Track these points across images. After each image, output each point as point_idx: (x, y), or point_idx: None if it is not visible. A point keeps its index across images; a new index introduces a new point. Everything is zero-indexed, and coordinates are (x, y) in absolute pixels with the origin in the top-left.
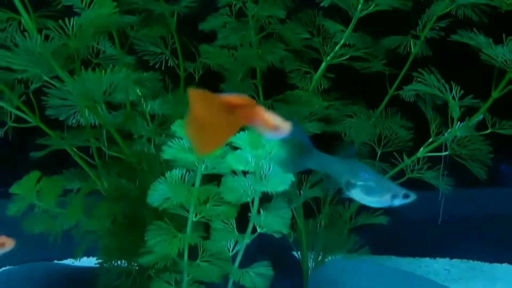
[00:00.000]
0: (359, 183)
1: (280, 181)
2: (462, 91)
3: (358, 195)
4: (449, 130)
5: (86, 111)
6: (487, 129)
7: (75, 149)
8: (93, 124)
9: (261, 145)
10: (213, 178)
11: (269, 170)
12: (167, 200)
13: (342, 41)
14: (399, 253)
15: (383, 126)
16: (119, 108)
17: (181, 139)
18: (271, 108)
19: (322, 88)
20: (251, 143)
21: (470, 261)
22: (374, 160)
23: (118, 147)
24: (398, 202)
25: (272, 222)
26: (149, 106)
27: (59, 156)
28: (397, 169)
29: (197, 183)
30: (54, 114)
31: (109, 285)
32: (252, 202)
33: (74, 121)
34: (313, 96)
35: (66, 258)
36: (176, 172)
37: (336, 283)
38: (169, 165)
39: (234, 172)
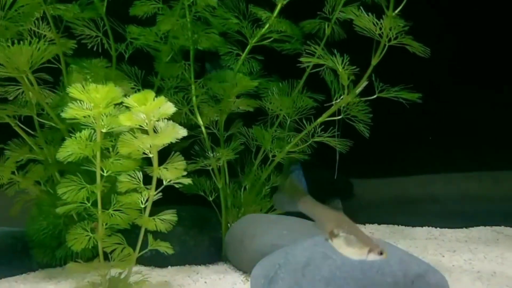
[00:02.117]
0: (342, 234)
1: (170, 135)
2: (349, 64)
3: (338, 244)
4: (342, 97)
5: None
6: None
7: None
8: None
9: (148, 102)
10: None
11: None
12: (71, 155)
13: (266, 26)
14: None
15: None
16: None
17: (81, 101)
18: (203, 87)
19: (254, 69)
20: (138, 100)
21: (396, 226)
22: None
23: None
24: (372, 257)
25: (169, 173)
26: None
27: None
28: (302, 134)
29: (98, 139)
30: None
31: (41, 241)
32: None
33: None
34: (241, 75)
35: None
36: (85, 133)
37: (243, 232)
38: None
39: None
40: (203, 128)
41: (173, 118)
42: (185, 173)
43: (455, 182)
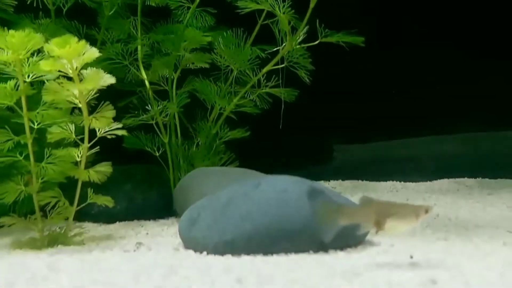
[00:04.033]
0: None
1: (95, 81)
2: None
3: (391, 228)
4: (284, 44)
5: None
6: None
7: None
8: None
9: (68, 46)
10: None
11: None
12: None
13: None
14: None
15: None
16: None
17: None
18: (149, 40)
19: (208, 23)
20: (58, 44)
21: (360, 181)
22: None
23: None
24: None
25: (99, 123)
26: None
27: None
28: (248, 86)
29: (21, 87)
30: None
31: None
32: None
33: None
34: (192, 29)
35: None
36: (11, 83)
37: (189, 185)
38: None
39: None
40: (146, 82)
41: (116, 72)
42: (119, 124)
43: (431, 143)
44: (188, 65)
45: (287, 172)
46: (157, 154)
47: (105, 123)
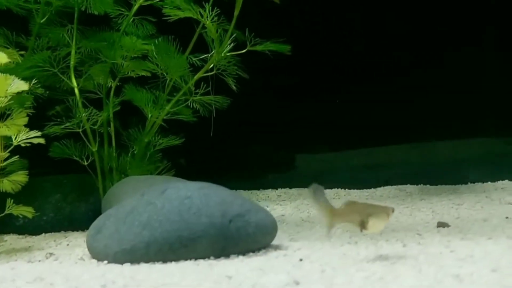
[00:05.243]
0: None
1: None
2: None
3: (373, 226)
4: (212, 52)
5: None
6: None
7: None
8: None
9: None
10: None
11: None
12: None
13: None
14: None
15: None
16: None
17: None
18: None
19: (149, 31)
20: None
21: (304, 188)
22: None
23: None
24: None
25: (8, 130)
26: None
27: None
28: (180, 93)
29: None
30: None
31: None
32: None
33: None
34: (132, 37)
35: None
36: None
37: (116, 194)
38: None
39: None
40: (76, 90)
41: (49, 80)
42: (38, 133)
43: (390, 152)
44: (128, 73)
45: (237, 180)
46: (86, 163)
47: (15, 130)
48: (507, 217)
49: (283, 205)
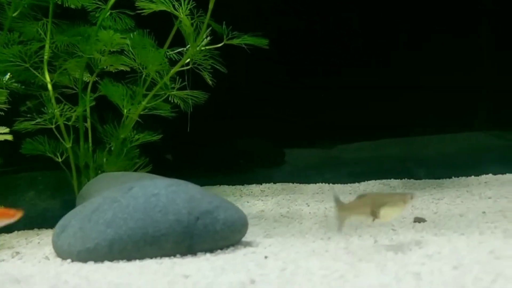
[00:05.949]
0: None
1: None
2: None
3: (386, 215)
4: (187, 46)
5: None
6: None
7: None
8: None
9: None
10: None
11: None
12: None
13: None
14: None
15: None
16: None
17: None
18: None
19: (128, 25)
20: None
21: (290, 184)
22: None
23: None
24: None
25: None
26: None
27: None
28: (156, 88)
29: None
30: None
31: None
32: None
33: None
34: (107, 31)
35: None
36: None
37: (90, 191)
38: None
39: None
40: (49, 85)
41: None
42: (6, 129)
43: (375, 146)
44: (106, 67)
45: (221, 175)
46: (60, 160)
47: None
48: (484, 212)
49: (264, 200)
